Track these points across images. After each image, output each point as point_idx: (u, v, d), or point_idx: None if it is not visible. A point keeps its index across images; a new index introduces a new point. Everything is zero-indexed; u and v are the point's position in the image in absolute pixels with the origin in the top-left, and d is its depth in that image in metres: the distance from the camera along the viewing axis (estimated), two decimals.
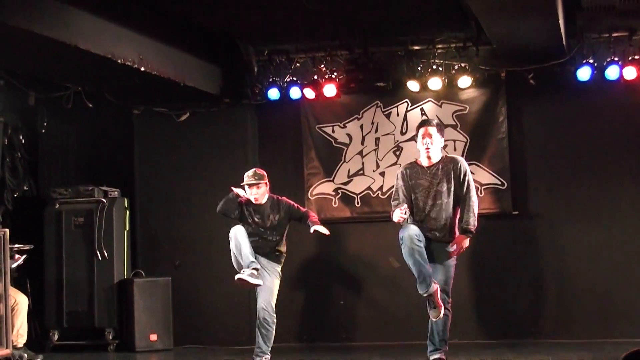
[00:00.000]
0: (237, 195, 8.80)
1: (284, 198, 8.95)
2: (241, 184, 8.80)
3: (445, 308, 7.83)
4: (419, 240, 7.70)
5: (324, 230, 8.70)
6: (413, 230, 7.74)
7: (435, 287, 7.70)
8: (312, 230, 8.69)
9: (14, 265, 9.31)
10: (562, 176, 10.45)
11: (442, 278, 7.88)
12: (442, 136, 8.06)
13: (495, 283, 10.37)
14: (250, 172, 8.83)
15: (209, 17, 9.54)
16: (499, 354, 8.62)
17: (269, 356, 8.65)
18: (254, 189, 8.74)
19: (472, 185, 7.98)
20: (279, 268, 8.81)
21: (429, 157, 7.98)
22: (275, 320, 8.62)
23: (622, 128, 10.26)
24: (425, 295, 7.69)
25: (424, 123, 8.10)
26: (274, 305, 8.66)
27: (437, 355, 7.95)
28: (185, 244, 11.00)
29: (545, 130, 10.53)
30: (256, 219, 8.76)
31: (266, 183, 8.81)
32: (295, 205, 8.96)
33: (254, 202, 8.78)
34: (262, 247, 8.73)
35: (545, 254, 10.41)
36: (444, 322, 7.91)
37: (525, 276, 10.46)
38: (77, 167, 11.55)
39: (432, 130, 7.95)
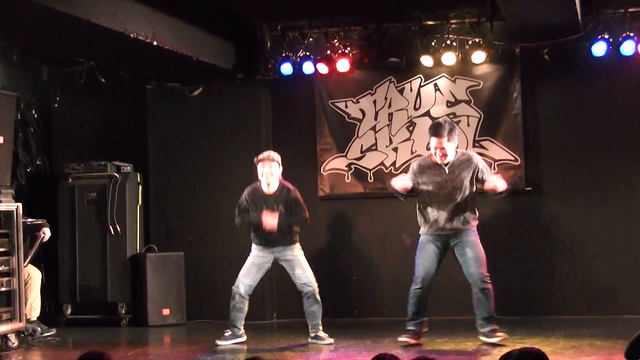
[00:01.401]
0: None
1: (295, 191, 8.85)
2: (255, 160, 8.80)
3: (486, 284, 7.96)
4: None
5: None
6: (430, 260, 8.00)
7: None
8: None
9: (45, 240, 9.39)
10: (576, 152, 10.40)
11: (473, 257, 7.89)
12: (455, 140, 8.06)
13: (508, 259, 10.33)
14: (265, 153, 8.80)
15: None
16: (511, 330, 8.58)
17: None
18: (267, 167, 8.68)
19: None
20: (296, 246, 8.82)
21: (443, 162, 8.06)
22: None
23: (638, 104, 10.19)
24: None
25: (435, 133, 8.02)
26: (311, 278, 8.78)
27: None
28: (198, 219, 11.02)
29: (559, 106, 10.48)
30: (263, 207, 8.67)
31: (279, 165, 8.74)
32: (300, 205, 8.79)
33: (265, 182, 8.68)
34: (272, 234, 8.68)
35: (559, 231, 10.38)
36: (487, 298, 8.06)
37: (537, 253, 10.43)
38: (90, 142, 11.54)
39: (444, 141, 7.94)
